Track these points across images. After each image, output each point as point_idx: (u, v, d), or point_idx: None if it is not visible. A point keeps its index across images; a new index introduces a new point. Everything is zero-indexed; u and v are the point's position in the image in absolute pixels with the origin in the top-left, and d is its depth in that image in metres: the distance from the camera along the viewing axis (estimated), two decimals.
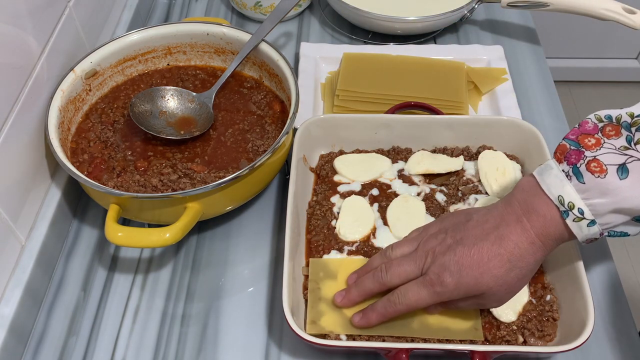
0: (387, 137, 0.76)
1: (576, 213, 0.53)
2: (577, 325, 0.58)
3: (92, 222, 0.75)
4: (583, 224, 0.53)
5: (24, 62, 0.65)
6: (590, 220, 0.52)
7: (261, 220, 0.75)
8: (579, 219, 0.53)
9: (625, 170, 0.51)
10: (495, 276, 0.55)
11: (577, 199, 0.52)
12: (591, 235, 0.54)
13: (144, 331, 0.65)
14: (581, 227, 0.53)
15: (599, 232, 0.53)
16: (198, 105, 0.77)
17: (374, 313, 0.60)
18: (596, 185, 0.51)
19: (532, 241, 0.55)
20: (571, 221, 0.53)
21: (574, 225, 0.53)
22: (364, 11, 0.92)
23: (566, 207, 0.53)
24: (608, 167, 0.51)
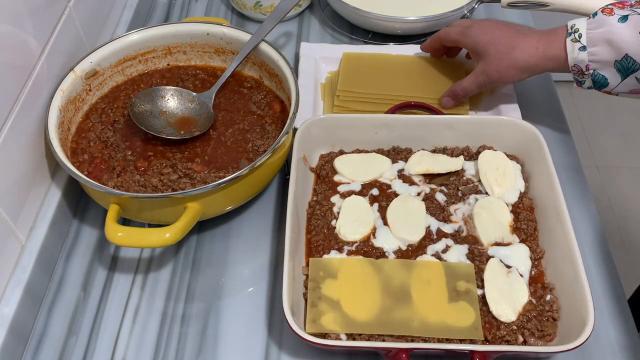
0: (387, 137, 0.76)
1: (576, 36, 0.69)
2: (577, 325, 0.58)
3: (92, 222, 0.75)
4: (576, 45, 0.69)
5: (24, 62, 0.65)
6: (583, 45, 0.68)
7: (261, 220, 0.75)
8: (575, 40, 0.69)
9: (625, 18, 0.66)
10: (497, 49, 0.74)
11: (583, 27, 0.68)
12: (579, 60, 0.69)
13: (144, 331, 0.65)
14: (574, 48, 0.69)
15: (586, 61, 0.68)
16: (198, 105, 0.77)
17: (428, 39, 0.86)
18: (600, 19, 0.67)
19: (537, 46, 0.72)
20: (569, 40, 0.69)
21: (570, 44, 0.69)
22: (364, 11, 0.92)
23: (572, 30, 0.69)
24: (616, 13, 0.67)
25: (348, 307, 0.62)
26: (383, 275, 0.65)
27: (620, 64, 0.66)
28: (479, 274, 0.65)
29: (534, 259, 0.66)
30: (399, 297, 0.63)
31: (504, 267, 0.66)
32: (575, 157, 0.81)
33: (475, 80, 0.77)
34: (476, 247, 0.68)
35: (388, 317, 0.61)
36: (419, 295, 0.63)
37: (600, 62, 0.68)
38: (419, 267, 0.65)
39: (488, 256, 0.67)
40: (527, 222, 0.69)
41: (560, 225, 0.65)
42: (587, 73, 0.69)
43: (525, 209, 0.70)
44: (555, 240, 0.66)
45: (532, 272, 0.66)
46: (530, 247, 0.67)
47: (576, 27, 0.69)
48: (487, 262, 0.66)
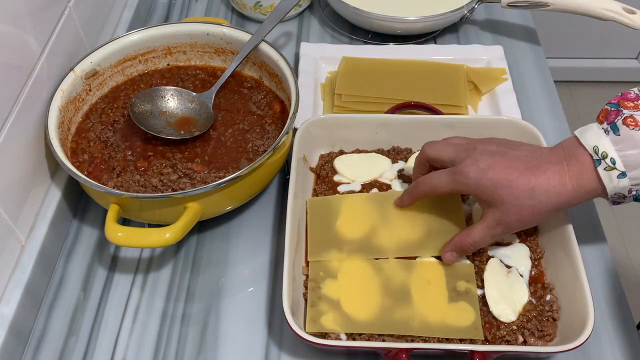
0: (387, 137, 0.76)
1: (608, 162, 0.55)
2: (577, 325, 0.58)
3: (92, 222, 0.75)
4: (614, 174, 0.55)
5: (24, 62, 0.65)
6: (621, 171, 0.55)
7: (261, 220, 0.75)
8: (610, 168, 0.55)
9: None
10: (514, 195, 0.57)
11: (611, 149, 0.55)
12: (620, 188, 0.55)
13: (144, 331, 0.65)
14: (611, 178, 0.55)
15: (628, 187, 0.55)
16: (198, 105, 0.77)
17: (406, 194, 0.68)
18: (630, 136, 0.54)
19: (564, 183, 0.57)
20: (602, 170, 0.55)
21: (605, 174, 0.55)
22: (364, 11, 0.92)
23: (599, 156, 0.55)
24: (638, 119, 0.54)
25: (348, 307, 0.62)
26: (383, 275, 0.65)
27: None
28: (479, 274, 0.65)
29: (534, 259, 0.66)
30: (399, 297, 0.63)
31: (504, 267, 0.66)
32: None
33: (489, 233, 0.61)
34: None
35: (388, 317, 0.61)
36: (419, 295, 0.63)
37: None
38: (419, 267, 0.65)
39: (488, 256, 0.67)
40: None
41: (560, 225, 0.65)
42: (629, 196, 0.57)
43: None
44: (555, 240, 0.66)
45: (532, 272, 0.66)
46: (530, 247, 0.67)
47: (603, 152, 0.55)
48: (487, 262, 0.66)
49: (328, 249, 0.67)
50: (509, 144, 0.61)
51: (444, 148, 0.63)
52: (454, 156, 0.61)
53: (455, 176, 0.60)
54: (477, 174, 0.58)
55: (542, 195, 0.57)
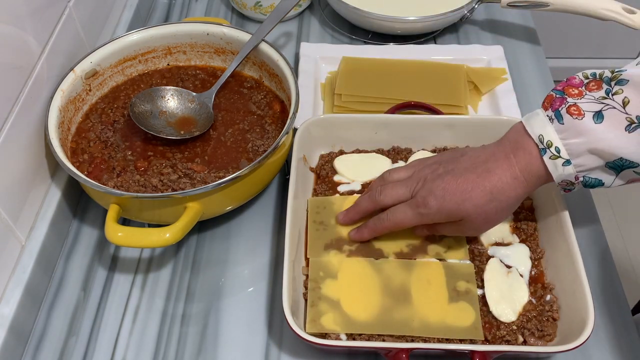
0: (387, 137, 0.76)
1: (553, 151, 0.57)
2: (577, 325, 0.58)
3: (92, 222, 0.75)
4: (559, 162, 0.57)
5: (24, 62, 0.65)
6: (565, 159, 0.57)
7: (261, 220, 0.75)
8: (555, 157, 0.57)
9: (600, 116, 0.55)
10: (476, 205, 0.60)
11: (556, 138, 0.57)
12: (566, 175, 0.57)
13: (144, 331, 0.65)
14: (557, 165, 0.57)
15: (574, 174, 0.57)
16: (198, 105, 0.77)
17: (366, 228, 0.66)
18: (573, 126, 0.56)
19: (515, 176, 0.59)
20: (548, 158, 0.57)
21: (550, 162, 0.57)
22: (364, 11, 0.92)
23: (545, 145, 0.57)
24: (586, 112, 0.56)
25: (348, 307, 0.62)
26: (383, 275, 0.65)
27: (613, 164, 0.56)
28: (479, 274, 0.65)
29: (534, 259, 0.66)
30: (399, 297, 0.63)
31: (504, 267, 0.66)
32: None
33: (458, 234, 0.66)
34: (476, 247, 0.68)
35: (388, 317, 0.61)
36: (419, 295, 0.63)
37: (590, 169, 0.57)
38: (419, 267, 0.65)
39: (488, 256, 0.67)
40: (527, 222, 0.69)
41: (560, 225, 0.65)
42: (576, 182, 0.59)
43: (525, 209, 0.70)
44: (555, 240, 0.66)
45: (532, 272, 0.66)
46: (530, 247, 0.67)
47: (548, 141, 0.57)
48: (487, 262, 0.66)
49: (328, 249, 0.67)
50: (453, 159, 0.63)
51: (397, 191, 0.64)
52: (409, 194, 0.63)
53: (419, 209, 0.62)
54: (436, 202, 0.60)
55: (500, 195, 0.59)
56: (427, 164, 0.65)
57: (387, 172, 0.68)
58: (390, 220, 0.64)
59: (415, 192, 0.62)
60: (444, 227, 0.64)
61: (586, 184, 0.59)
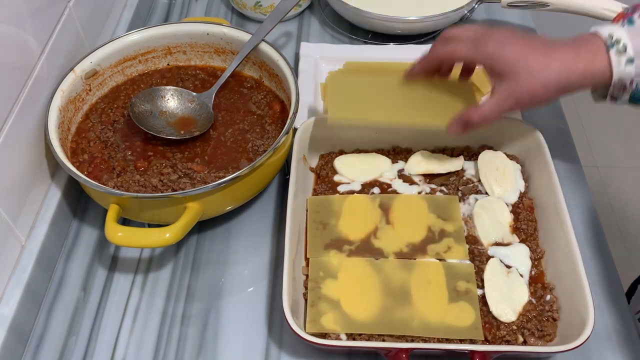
0: (388, 137, 0.76)
1: (620, 47, 0.58)
2: (577, 325, 0.58)
3: (92, 222, 0.75)
4: (623, 58, 0.58)
5: (24, 62, 0.65)
6: (630, 57, 0.58)
7: (261, 220, 0.75)
8: (620, 53, 0.58)
9: None
10: (529, 67, 0.60)
11: (625, 36, 0.58)
12: (626, 74, 0.58)
13: (144, 331, 0.65)
14: (620, 61, 0.58)
15: (632, 75, 0.58)
16: (198, 105, 0.77)
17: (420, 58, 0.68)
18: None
19: (577, 60, 0.59)
20: (614, 52, 0.58)
21: (615, 57, 0.58)
22: (364, 11, 0.92)
23: (613, 41, 0.58)
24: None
25: (348, 307, 0.62)
26: (383, 275, 0.65)
27: None
28: (479, 274, 0.65)
29: (534, 259, 0.66)
30: (399, 297, 0.63)
31: (504, 267, 0.66)
32: (575, 157, 0.81)
33: (498, 105, 0.63)
34: (476, 247, 0.68)
35: (388, 317, 0.61)
36: (419, 295, 0.63)
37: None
38: (419, 267, 0.65)
39: (488, 256, 0.67)
40: (527, 222, 0.69)
41: (560, 225, 0.65)
42: (629, 88, 0.60)
43: (525, 209, 0.70)
44: (555, 240, 0.66)
45: (532, 272, 0.66)
46: (530, 247, 0.67)
47: (617, 37, 0.58)
48: (487, 262, 0.66)
49: (328, 249, 0.67)
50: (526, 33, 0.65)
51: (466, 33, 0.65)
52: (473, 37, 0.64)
53: (477, 45, 0.63)
54: (496, 45, 0.62)
55: (554, 70, 0.59)
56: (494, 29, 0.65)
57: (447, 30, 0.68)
58: (446, 48, 0.65)
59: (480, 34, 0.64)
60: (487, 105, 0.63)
61: (635, 94, 0.60)
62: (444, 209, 0.70)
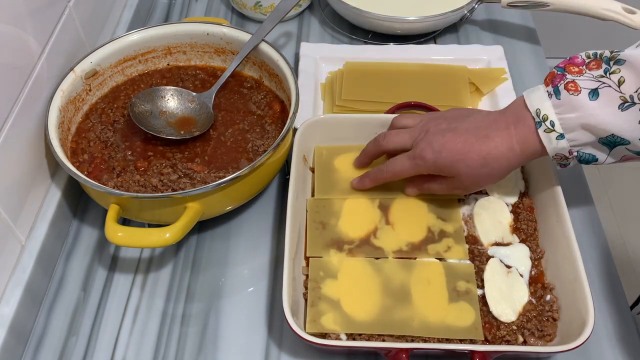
0: None
1: (548, 125, 0.59)
2: (577, 325, 0.58)
3: (92, 222, 0.75)
4: (552, 136, 0.59)
5: (24, 62, 0.65)
6: (559, 133, 0.58)
7: (261, 220, 0.75)
8: (549, 131, 0.59)
9: (596, 93, 0.57)
10: (469, 166, 0.62)
11: (551, 112, 0.59)
12: (560, 149, 0.59)
13: (144, 331, 0.65)
14: (550, 139, 0.59)
15: (567, 148, 0.59)
16: (198, 105, 0.77)
17: (367, 178, 0.70)
18: (569, 101, 0.58)
19: (512, 147, 0.61)
20: (542, 131, 0.59)
21: (545, 135, 0.59)
22: (364, 11, 0.92)
23: (541, 118, 0.59)
24: (582, 89, 0.57)
25: (348, 307, 0.62)
26: (383, 275, 0.65)
27: (606, 140, 0.58)
28: (479, 274, 0.65)
29: (534, 259, 0.66)
30: (399, 297, 0.63)
31: (504, 267, 0.66)
32: None
33: (447, 190, 0.67)
34: (476, 247, 0.68)
35: (388, 317, 0.61)
36: (419, 295, 0.63)
37: (583, 144, 0.59)
38: (419, 267, 0.65)
39: (488, 256, 0.67)
40: (527, 222, 0.69)
41: (560, 225, 0.65)
42: (570, 157, 0.60)
43: (525, 209, 0.70)
44: (555, 240, 0.66)
45: (532, 272, 0.66)
46: (530, 247, 0.67)
47: (544, 115, 0.59)
48: (487, 262, 0.66)
49: (328, 249, 0.67)
50: (458, 117, 0.65)
51: (400, 137, 0.67)
52: (410, 142, 0.66)
53: (416, 160, 0.65)
54: (433, 155, 0.63)
55: (494, 162, 0.62)
56: (434, 117, 0.67)
57: (397, 117, 0.71)
58: (389, 171, 0.67)
59: (416, 143, 0.65)
60: (435, 184, 0.67)
61: (580, 159, 0.60)
62: (443, 209, 0.70)
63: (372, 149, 0.70)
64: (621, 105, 0.56)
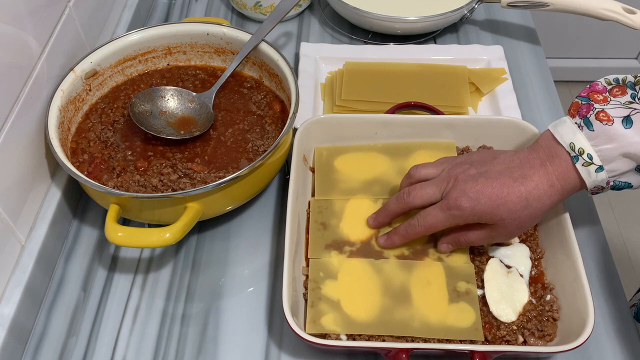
0: (387, 137, 0.76)
1: (585, 158, 0.57)
2: (577, 325, 0.58)
3: (92, 222, 0.75)
4: (592, 169, 0.57)
5: (24, 62, 0.65)
6: (598, 165, 0.57)
7: (261, 220, 0.75)
8: (587, 164, 0.57)
9: (629, 120, 0.56)
10: (511, 210, 0.59)
11: (587, 145, 0.57)
12: (599, 181, 0.58)
13: (144, 331, 0.65)
14: (590, 172, 0.57)
15: (606, 179, 0.57)
16: (198, 105, 0.77)
17: (396, 235, 0.65)
18: (604, 132, 0.56)
19: (552, 184, 0.58)
20: (580, 165, 0.57)
21: (583, 170, 0.57)
22: (364, 11, 0.92)
23: (577, 152, 0.57)
24: (614, 118, 0.56)
25: (348, 308, 0.62)
26: (383, 275, 0.65)
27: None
28: (479, 274, 0.65)
29: (534, 259, 0.66)
30: (399, 297, 0.63)
31: (504, 267, 0.66)
32: None
33: (487, 240, 0.63)
34: (476, 247, 0.67)
35: (388, 318, 0.61)
36: (419, 295, 0.63)
37: (622, 173, 0.58)
38: (419, 268, 0.65)
39: (488, 256, 0.67)
40: None
41: (560, 225, 0.65)
42: (607, 187, 0.59)
43: None
44: (555, 240, 0.66)
45: (532, 272, 0.66)
46: (530, 247, 0.67)
47: (579, 148, 0.57)
48: (487, 263, 0.66)
49: (329, 250, 0.67)
50: (484, 161, 0.62)
51: (427, 190, 0.63)
52: (439, 194, 0.62)
53: (451, 211, 0.60)
54: (470, 204, 0.59)
55: (536, 202, 0.59)
56: (457, 162, 0.63)
57: (414, 169, 0.66)
58: (422, 225, 0.62)
59: (446, 193, 0.61)
60: (472, 235, 0.62)
61: (615, 187, 0.59)
62: None
63: (396, 207, 0.65)
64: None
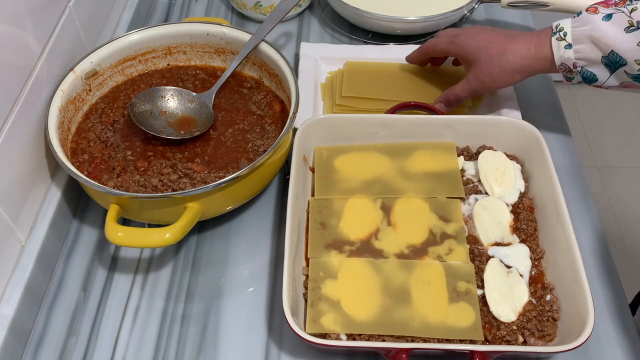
0: (387, 137, 0.76)
1: (561, 34, 0.69)
2: (577, 325, 0.58)
3: (92, 222, 0.75)
4: (562, 44, 0.69)
5: (24, 62, 0.65)
6: (568, 43, 0.68)
7: (261, 220, 0.75)
8: (560, 39, 0.69)
9: (610, 16, 0.66)
10: (488, 54, 0.74)
11: (567, 25, 0.69)
12: (566, 59, 0.69)
13: (144, 331, 0.65)
14: (559, 47, 0.69)
15: (572, 59, 0.69)
16: (198, 105, 0.77)
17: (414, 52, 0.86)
18: (584, 18, 0.68)
19: (529, 48, 0.72)
20: (555, 39, 0.70)
21: (555, 43, 0.70)
22: (364, 11, 0.92)
23: (557, 29, 0.70)
24: (600, 12, 0.67)
25: (348, 307, 0.62)
26: (383, 275, 0.65)
27: (607, 59, 0.66)
28: (479, 274, 0.65)
29: (534, 259, 0.66)
30: (399, 297, 0.63)
31: (504, 267, 0.66)
32: (575, 157, 0.81)
33: (467, 87, 0.77)
34: (476, 247, 0.68)
35: (388, 317, 0.61)
36: (419, 295, 0.63)
37: (587, 60, 0.68)
38: (419, 268, 0.65)
39: (488, 256, 0.67)
40: (527, 222, 0.69)
41: (560, 225, 0.65)
42: (575, 70, 0.69)
43: (525, 209, 0.70)
44: (555, 240, 0.66)
45: (532, 272, 0.66)
46: (530, 247, 0.67)
47: (561, 26, 0.69)
48: (487, 262, 0.66)
49: (329, 249, 0.67)
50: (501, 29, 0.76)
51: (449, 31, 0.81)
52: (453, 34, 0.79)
53: (450, 38, 0.78)
54: (464, 40, 0.76)
55: (510, 55, 0.72)
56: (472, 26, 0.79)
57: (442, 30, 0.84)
58: (428, 41, 0.82)
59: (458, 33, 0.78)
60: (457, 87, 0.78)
61: (584, 75, 0.69)
62: (445, 210, 0.70)
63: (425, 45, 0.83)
64: (627, 28, 0.64)
